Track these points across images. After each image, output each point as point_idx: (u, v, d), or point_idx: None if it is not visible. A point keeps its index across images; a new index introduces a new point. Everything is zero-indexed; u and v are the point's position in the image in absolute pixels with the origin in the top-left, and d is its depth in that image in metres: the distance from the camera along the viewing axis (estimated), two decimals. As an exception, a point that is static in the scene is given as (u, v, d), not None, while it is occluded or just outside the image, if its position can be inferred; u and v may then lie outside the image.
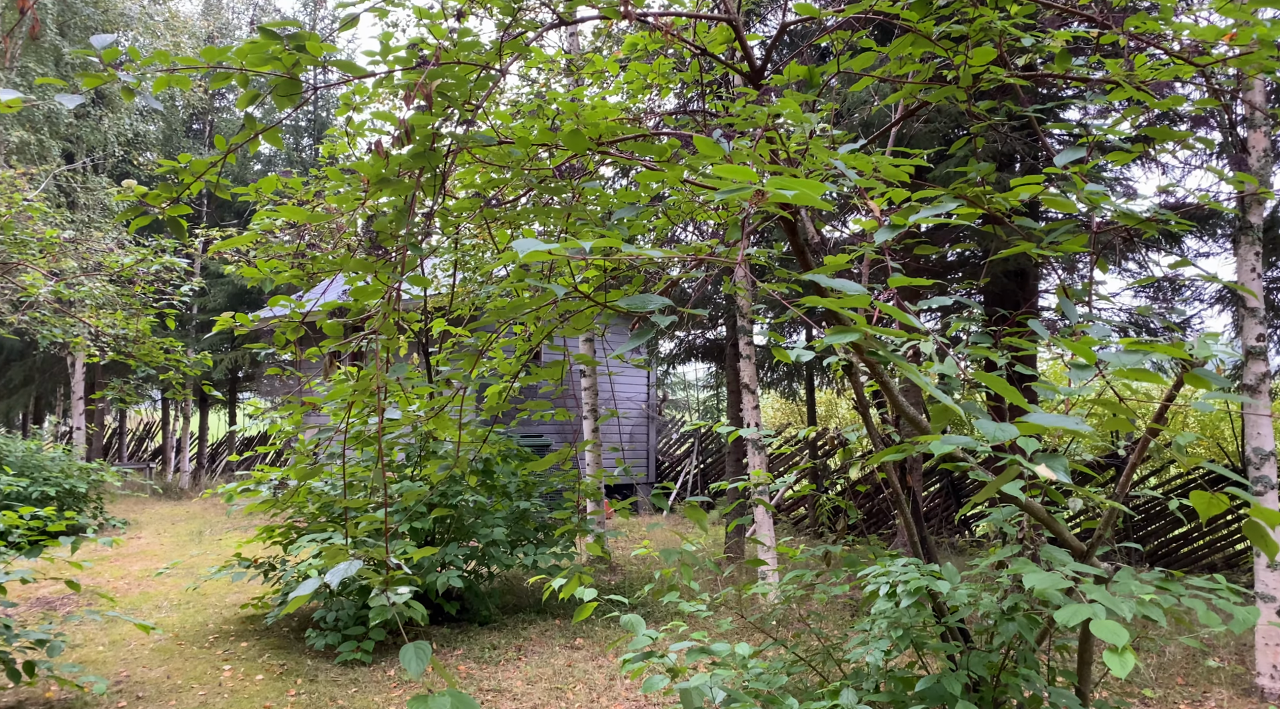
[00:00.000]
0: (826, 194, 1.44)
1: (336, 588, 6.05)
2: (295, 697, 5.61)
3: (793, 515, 13.02)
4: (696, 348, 13.04)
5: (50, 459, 11.80)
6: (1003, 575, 3.59)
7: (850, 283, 1.40)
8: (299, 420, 3.57)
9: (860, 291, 1.39)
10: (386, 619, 6.61)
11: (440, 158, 1.99)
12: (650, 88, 3.10)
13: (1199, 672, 5.64)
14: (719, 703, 3.56)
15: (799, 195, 1.28)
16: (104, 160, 17.58)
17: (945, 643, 3.60)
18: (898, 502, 3.78)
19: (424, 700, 1.51)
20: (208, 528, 13.18)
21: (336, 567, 1.96)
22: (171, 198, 2.20)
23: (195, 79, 2.18)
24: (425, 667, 1.57)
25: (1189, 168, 7.83)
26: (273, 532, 7.05)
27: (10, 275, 7.19)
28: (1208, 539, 9.67)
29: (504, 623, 7.40)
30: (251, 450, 12.02)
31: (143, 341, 7.47)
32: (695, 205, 2.94)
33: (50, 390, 24.24)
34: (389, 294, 1.99)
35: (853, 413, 19.24)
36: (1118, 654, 2.54)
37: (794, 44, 9.03)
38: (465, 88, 2.16)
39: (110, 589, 8.78)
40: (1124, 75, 2.06)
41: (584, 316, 2.78)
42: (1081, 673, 3.47)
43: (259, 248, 7.69)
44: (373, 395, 2.46)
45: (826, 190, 1.38)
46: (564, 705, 5.37)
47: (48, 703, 5.46)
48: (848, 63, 2.42)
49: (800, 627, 6.49)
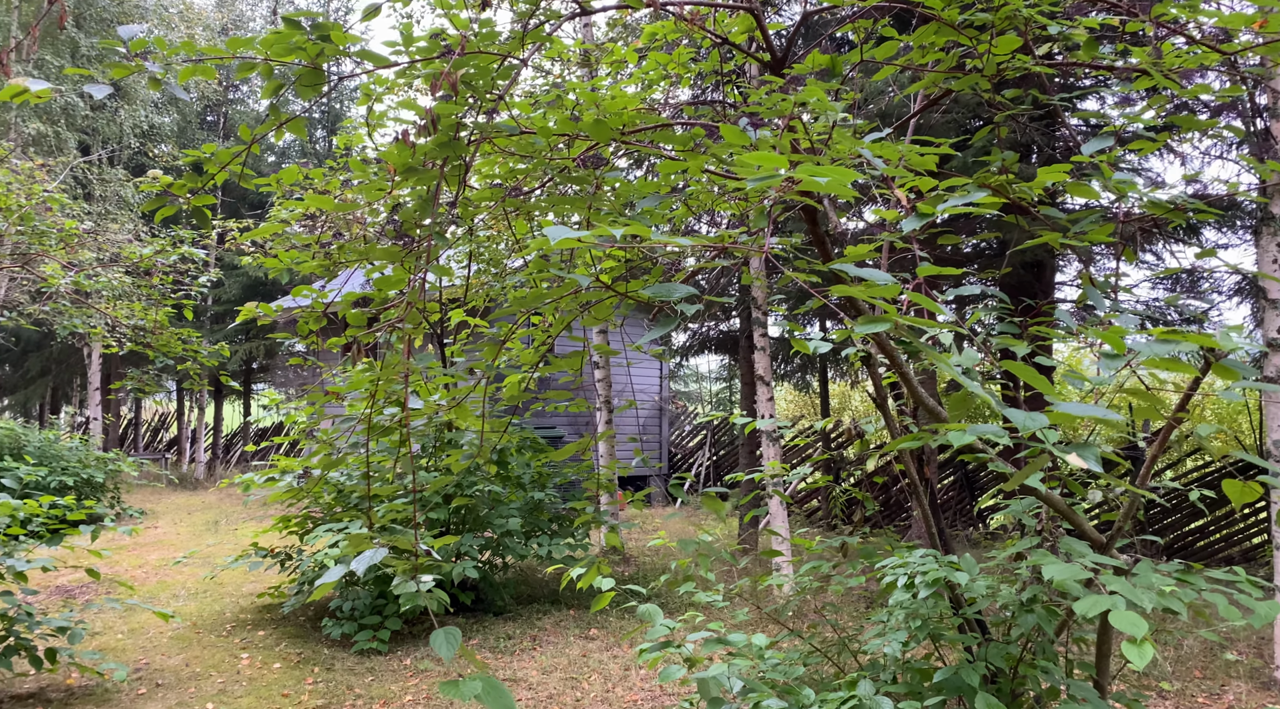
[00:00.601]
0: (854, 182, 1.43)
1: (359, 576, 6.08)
2: (313, 685, 5.65)
3: (805, 507, 13.02)
4: (710, 340, 13.02)
5: (68, 449, 11.91)
6: (1021, 567, 3.59)
7: (878, 272, 1.40)
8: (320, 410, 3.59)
9: (889, 281, 1.39)
10: (401, 609, 6.65)
11: (464, 147, 1.99)
12: (669, 77, 3.09)
13: (1217, 665, 5.62)
14: (736, 693, 3.57)
15: (832, 182, 1.28)
16: (119, 152, 17.67)
17: (962, 634, 3.60)
18: (916, 493, 3.77)
19: (455, 685, 1.52)
20: (223, 518, 13.28)
21: (362, 554, 1.97)
22: (196, 187, 2.21)
23: (214, 68, 2.19)
24: (456, 652, 1.58)
25: (1208, 158, 7.75)
26: (289, 522, 7.10)
27: (30, 266, 7.25)
28: (1224, 533, 9.62)
29: (519, 613, 7.43)
30: (268, 441, 12.09)
31: (161, 332, 7.52)
32: (714, 196, 2.94)
33: (67, 381, 24.43)
34: (414, 282, 2.00)
35: (867, 405, 19.20)
36: (1136, 645, 2.54)
37: (811, 35, 8.99)
38: (488, 77, 2.16)
39: (129, 578, 8.86)
40: (1151, 62, 2.04)
41: (604, 307, 2.78)
42: (1100, 665, 3.46)
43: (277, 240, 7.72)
44: (395, 384, 2.48)
45: (857, 178, 1.38)
46: (579, 695, 5.40)
47: (69, 690, 5.52)
48: (870, 51, 2.41)
49: (815, 618, 6.50)
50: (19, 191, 6.59)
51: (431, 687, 5.59)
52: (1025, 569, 3.55)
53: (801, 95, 1.71)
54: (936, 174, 1.74)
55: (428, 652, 6.39)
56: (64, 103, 15.91)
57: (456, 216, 2.20)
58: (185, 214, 18.27)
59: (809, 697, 3.50)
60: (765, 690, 3.54)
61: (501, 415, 6.83)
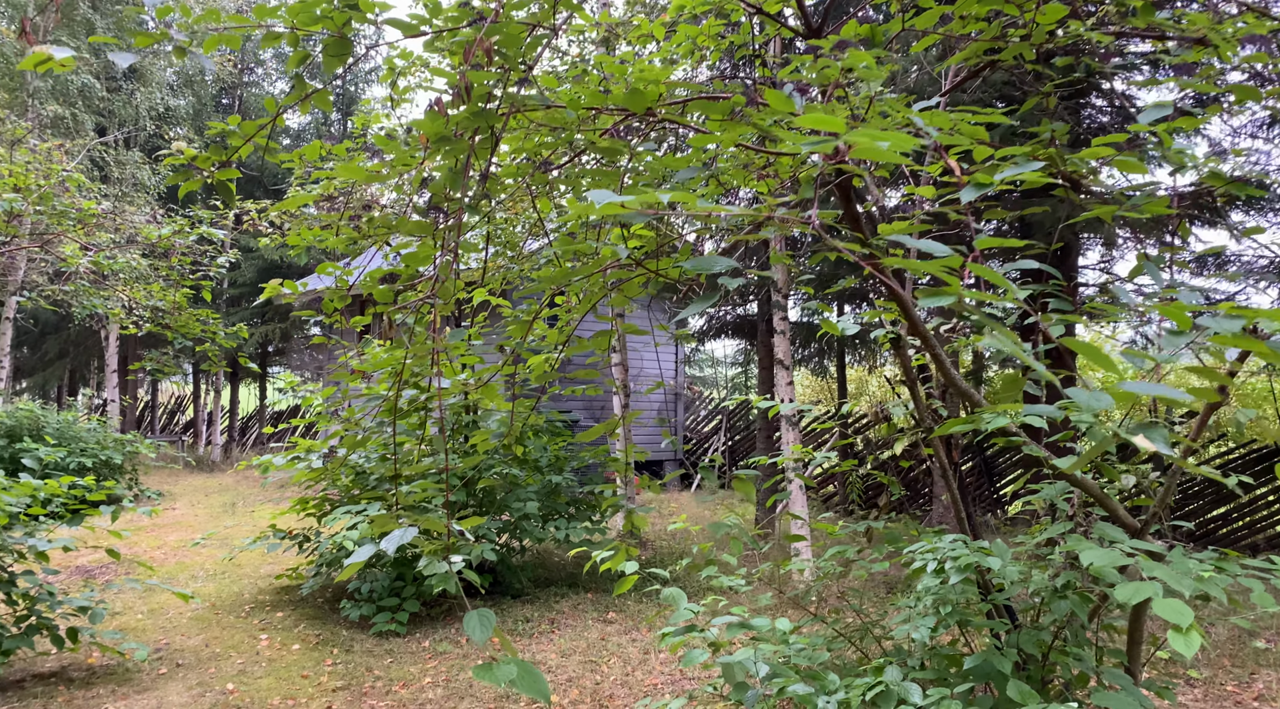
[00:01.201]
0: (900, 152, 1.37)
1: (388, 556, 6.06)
2: (332, 667, 5.65)
3: (822, 492, 12.97)
4: (727, 324, 12.96)
5: (86, 430, 11.96)
6: (1054, 553, 3.53)
7: (936, 244, 1.34)
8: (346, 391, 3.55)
9: (948, 252, 1.33)
10: (421, 591, 6.64)
11: (496, 118, 1.93)
12: (699, 51, 3.02)
13: (1246, 653, 5.55)
14: (761, 678, 3.53)
15: (893, 145, 1.21)
16: (135, 135, 17.68)
17: (991, 620, 3.54)
18: (946, 477, 3.71)
19: (489, 669, 1.48)
20: (240, 500, 13.34)
21: (391, 534, 1.93)
22: (221, 161, 2.17)
23: (226, 53, 2.14)
24: (490, 635, 1.54)
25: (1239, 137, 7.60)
26: (307, 504, 7.09)
27: (49, 247, 7.24)
28: (1248, 520, 9.52)
29: (536, 596, 7.42)
30: (285, 423, 12.12)
31: (179, 313, 7.50)
32: (745, 173, 2.87)
33: (84, 364, 24.58)
34: (445, 256, 1.95)
35: (884, 390, 19.10)
36: (1182, 634, 2.48)
37: (839, 10, 8.86)
38: (518, 46, 2.10)
39: (148, 558, 8.90)
40: (1210, 26, 1.96)
41: (633, 285, 2.73)
42: (1131, 652, 3.40)
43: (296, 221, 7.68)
44: (423, 361, 2.43)
45: (917, 144, 1.32)
46: (599, 679, 5.38)
47: (90, 669, 5.54)
48: (910, 20, 2.33)
49: (836, 604, 6.46)
50: (37, 172, 6.58)
51: (451, 669, 5.58)
52: (1058, 554, 3.49)
53: (848, 61, 1.65)
54: (989, 144, 1.67)
55: (446, 634, 6.39)
56: (81, 84, 15.90)
57: (486, 192, 2.14)
58: (203, 196, 18.27)
59: (834, 682, 3.46)
60: (791, 675, 3.50)
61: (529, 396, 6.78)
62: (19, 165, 6.33)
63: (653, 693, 5.09)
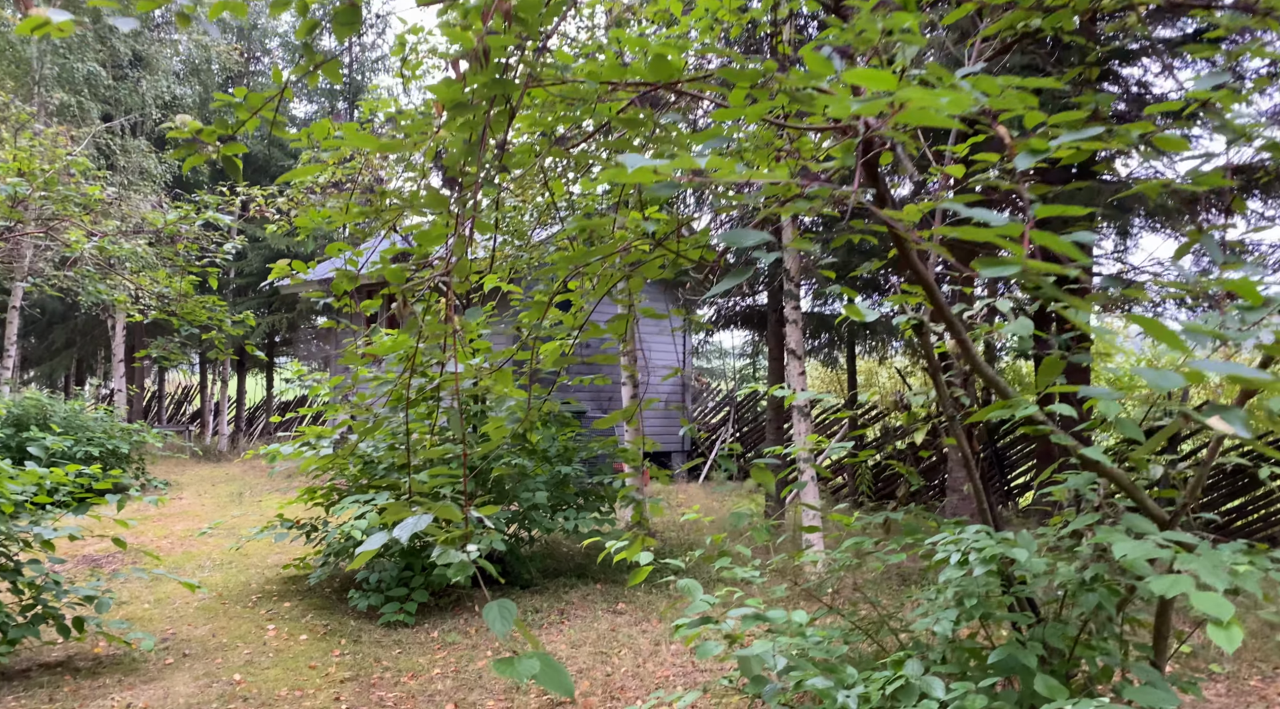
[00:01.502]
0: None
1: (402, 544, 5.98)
2: (340, 657, 5.59)
3: (830, 484, 12.88)
4: (736, 314, 12.87)
5: (93, 419, 11.93)
6: (1081, 545, 3.44)
7: (993, 213, 1.25)
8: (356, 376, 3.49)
9: (1005, 221, 1.24)
10: (431, 581, 6.58)
11: (514, 87, 1.84)
12: (718, 24, 2.93)
13: (1269, 647, 5.46)
14: (778, 671, 3.45)
15: (951, 103, 1.12)
16: (141, 123, 17.61)
17: (1013, 614, 3.46)
18: (969, 466, 3.62)
19: (510, 663, 1.40)
20: (247, 490, 13.30)
21: (404, 521, 1.85)
22: (226, 134, 2.08)
23: (232, 42, 2.05)
24: (510, 627, 1.46)
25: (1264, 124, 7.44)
26: (314, 493, 7.03)
27: (54, 233, 7.17)
28: (1263, 512, 9.42)
29: (545, 586, 7.35)
30: (293, 412, 12.07)
31: (185, 300, 7.44)
32: (767, 151, 2.78)
33: (91, 353, 24.58)
34: (459, 231, 1.87)
35: (894, 381, 18.99)
36: (1224, 629, 2.39)
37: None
38: (535, 12, 2.01)
39: (154, 548, 8.85)
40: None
41: (652, 265, 2.64)
42: (1157, 646, 3.31)
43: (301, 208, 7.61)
44: (434, 345, 2.35)
45: (974, 105, 1.22)
46: (609, 670, 5.31)
47: (96, 658, 5.49)
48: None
49: (851, 596, 6.38)
50: (42, 157, 6.51)
51: (460, 659, 5.52)
52: (1086, 546, 3.40)
53: (889, 22, 1.56)
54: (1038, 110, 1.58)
55: (455, 624, 6.33)
56: (87, 72, 15.83)
57: (503, 165, 2.06)
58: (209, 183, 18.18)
59: (852, 675, 3.38)
60: (809, 668, 3.42)
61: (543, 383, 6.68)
62: (24, 149, 6.26)
63: (665, 685, 5.02)
